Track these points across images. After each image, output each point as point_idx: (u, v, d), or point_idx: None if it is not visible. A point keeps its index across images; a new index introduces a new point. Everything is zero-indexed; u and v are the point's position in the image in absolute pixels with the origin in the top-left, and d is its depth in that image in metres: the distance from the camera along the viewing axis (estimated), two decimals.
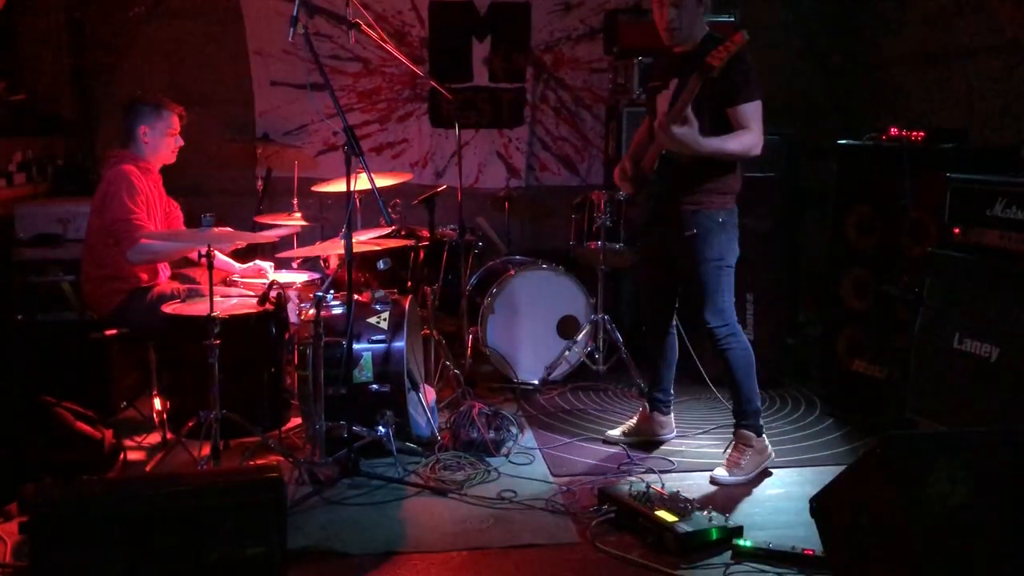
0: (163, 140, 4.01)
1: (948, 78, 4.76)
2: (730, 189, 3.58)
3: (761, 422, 3.69)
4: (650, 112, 3.75)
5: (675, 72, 3.53)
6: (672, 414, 4.05)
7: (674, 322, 3.95)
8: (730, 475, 3.55)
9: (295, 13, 3.43)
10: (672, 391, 4.03)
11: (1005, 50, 4.23)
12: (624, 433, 4.00)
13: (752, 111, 3.40)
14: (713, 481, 3.55)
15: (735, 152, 3.42)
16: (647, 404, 4.04)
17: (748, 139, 3.39)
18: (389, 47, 4.30)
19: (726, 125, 3.42)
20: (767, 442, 3.68)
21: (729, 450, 3.66)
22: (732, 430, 3.68)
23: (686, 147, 3.35)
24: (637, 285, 3.96)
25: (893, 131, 4.11)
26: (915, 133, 4.05)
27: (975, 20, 4.53)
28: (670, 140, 3.34)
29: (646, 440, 3.97)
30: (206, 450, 3.43)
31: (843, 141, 4.26)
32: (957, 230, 3.61)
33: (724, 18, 5.27)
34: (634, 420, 4.06)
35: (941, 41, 4.78)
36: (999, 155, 3.98)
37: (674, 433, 4.05)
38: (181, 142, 4.09)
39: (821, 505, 2.62)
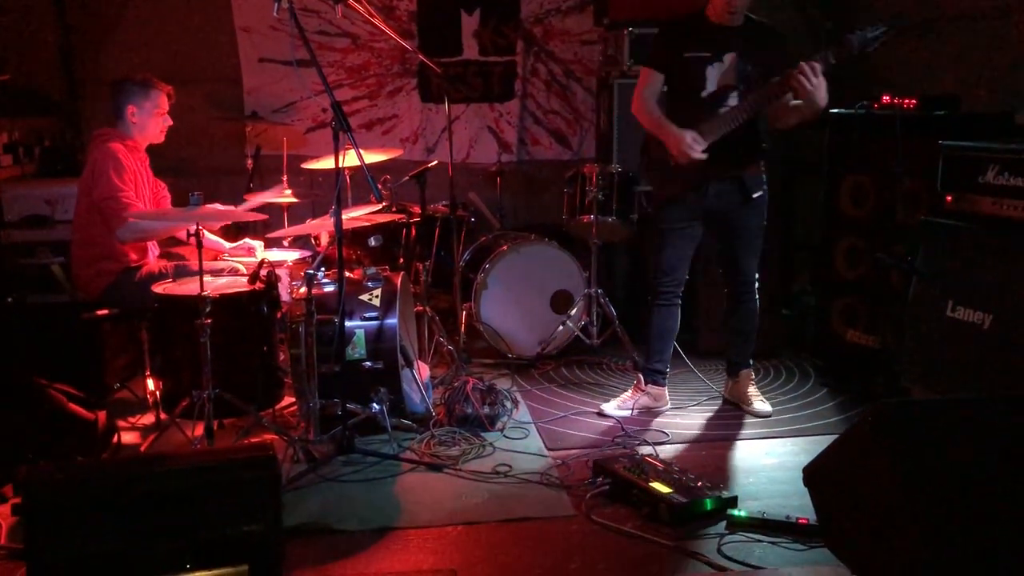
0: (151, 120, 3.98)
1: (941, 44, 4.73)
2: (764, 156, 3.84)
3: None
4: (685, 80, 3.70)
5: (728, 46, 3.62)
6: (667, 386, 4.09)
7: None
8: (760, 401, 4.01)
9: None
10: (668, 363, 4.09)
11: (996, 16, 4.20)
12: (619, 407, 4.01)
13: None
14: (758, 415, 3.94)
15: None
16: (645, 376, 4.06)
17: None
18: (376, 21, 4.25)
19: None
20: None
21: (734, 386, 4.09)
22: (731, 372, 4.10)
23: (823, 98, 3.47)
24: (658, 253, 3.89)
25: (885, 99, 4.09)
26: (907, 100, 4.02)
27: None
28: (819, 80, 3.43)
29: (644, 413, 4.00)
30: (200, 430, 3.43)
31: (835, 110, 4.23)
32: (949, 197, 3.60)
33: None
34: (629, 392, 4.07)
35: (934, 6, 4.74)
36: (991, 121, 3.96)
37: (668, 405, 4.07)
38: (170, 121, 4.06)
39: (814, 474, 2.63)
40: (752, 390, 4.08)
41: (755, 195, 3.76)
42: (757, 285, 3.93)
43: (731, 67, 3.63)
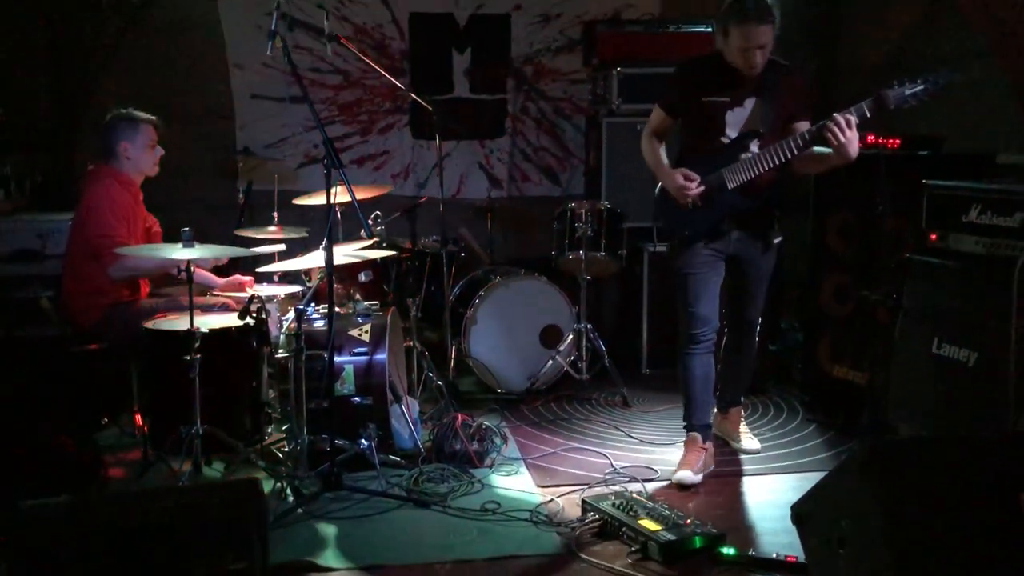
0: (144, 153, 4.00)
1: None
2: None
3: None
4: (702, 125, 3.60)
5: (748, 90, 3.51)
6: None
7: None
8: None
9: (273, 27, 3.44)
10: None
11: (976, 59, 4.27)
12: (694, 471, 3.64)
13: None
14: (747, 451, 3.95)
15: None
16: (698, 432, 3.74)
17: None
18: (368, 60, 4.31)
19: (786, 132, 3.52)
20: None
21: (722, 422, 4.06)
22: (721, 410, 4.04)
23: (854, 153, 3.38)
24: (690, 300, 3.69)
25: (870, 138, 4.15)
26: (891, 140, 4.08)
27: (949, 29, 4.58)
28: (855, 139, 3.36)
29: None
30: (187, 465, 3.41)
31: (820, 149, 4.28)
32: (934, 236, 3.64)
33: (702, 28, 5.32)
34: (691, 454, 3.71)
35: (917, 49, 4.83)
36: (974, 162, 4.02)
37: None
38: (161, 151, 4.08)
39: (802, 512, 2.64)
40: (742, 427, 4.07)
41: (776, 240, 3.75)
42: (758, 324, 3.92)
43: (752, 112, 3.52)
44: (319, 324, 3.81)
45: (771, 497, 3.51)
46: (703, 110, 3.56)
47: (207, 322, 3.59)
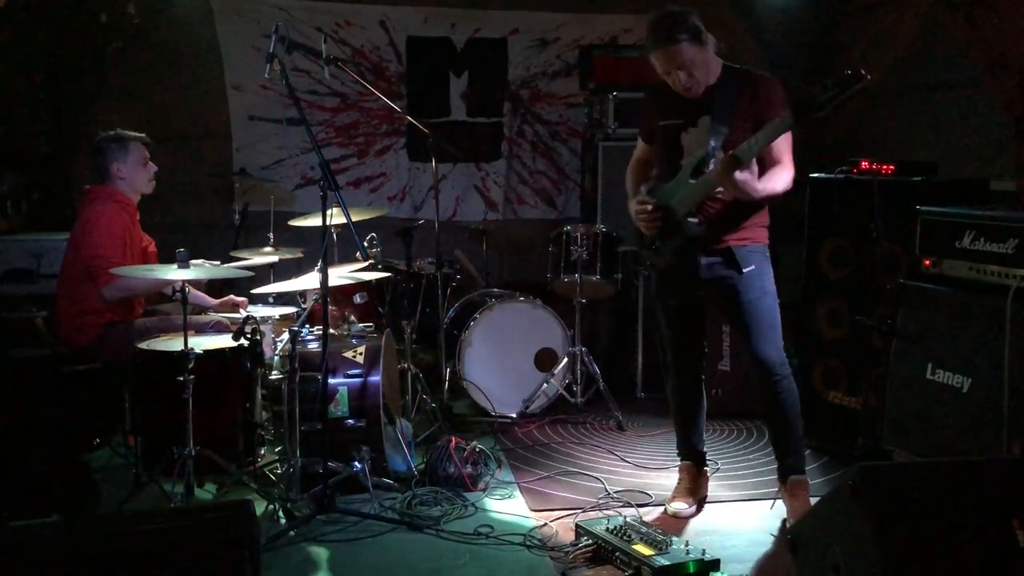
0: (137, 171, 4.00)
1: (918, 113, 4.85)
2: (766, 221, 3.50)
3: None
4: (664, 151, 3.48)
5: (701, 109, 3.32)
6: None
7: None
8: None
9: (271, 49, 3.46)
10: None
11: (968, 87, 4.32)
12: (688, 502, 3.61)
13: (785, 142, 3.28)
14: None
15: (781, 192, 3.27)
16: (691, 461, 3.71)
17: (787, 175, 3.28)
18: (365, 83, 4.33)
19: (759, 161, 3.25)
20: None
21: (788, 500, 3.46)
22: (779, 476, 3.52)
23: (743, 193, 3.16)
24: (662, 332, 3.62)
25: (864, 164, 4.17)
26: (885, 166, 4.11)
27: (943, 56, 4.63)
28: (733, 186, 3.14)
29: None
30: (180, 486, 3.39)
31: (815, 174, 4.31)
32: (928, 261, 3.66)
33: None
34: (685, 483, 3.68)
35: (909, 76, 4.87)
36: (967, 187, 4.04)
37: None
38: (154, 167, 4.07)
39: (797, 538, 2.63)
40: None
41: (745, 269, 3.37)
42: (782, 369, 3.45)
43: (705, 131, 3.32)
44: (313, 346, 3.81)
45: (766, 523, 3.50)
46: (662, 134, 3.48)
47: (201, 343, 3.59)
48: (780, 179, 3.26)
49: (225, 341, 3.64)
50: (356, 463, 3.59)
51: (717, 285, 3.44)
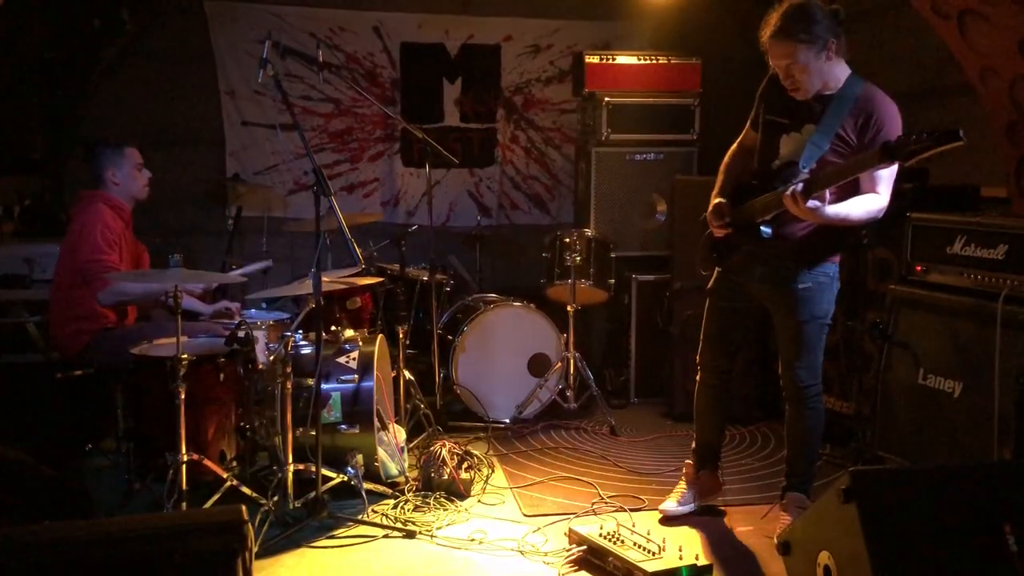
0: (132, 177, 4.02)
1: (911, 120, 4.87)
2: (844, 242, 3.33)
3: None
4: (762, 147, 3.33)
5: (811, 116, 3.16)
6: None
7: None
8: None
9: (264, 55, 3.46)
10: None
11: (962, 94, 4.34)
12: (680, 502, 3.59)
13: (888, 175, 3.06)
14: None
15: (859, 220, 3.08)
16: (692, 460, 3.66)
17: (875, 204, 3.05)
18: (359, 89, 4.34)
19: (853, 181, 3.05)
20: None
21: (780, 513, 3.40)
22: (782, 488, 3.46)
23: (811, 218, 3.03)
24: (701, 326, 3.55)
25: None
26: None
27: (933, 64, 4.65)
28: (800, 213, 2.98)
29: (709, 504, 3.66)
30: (172, 492, 3.38)
31: None
32: (919, 267, 3.68)
33: (691, 60, 5.39)
34: (681, 483, 3.66)
35: (900, 83, 4.88)
36: (959, 193, 4.06)
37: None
38: (149, 173, 4.08)
39: (789, 543, 2.64)
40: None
41: (800, 286, 3.23)
42: (807, 392, 3.34)
43: (805, 141, 3.14)
44: (306, 351, 3.80)
45: (758, 527, 3.50)
46: (765, 129, 3.32)
47: (194, 348, 3.58)
48: (863, 207, 3.04)
49: (218, 346, 3.64)
50: (349, 469, 3.59)
51: (768, 294, 3.36)
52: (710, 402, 3.60)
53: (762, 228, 3.22)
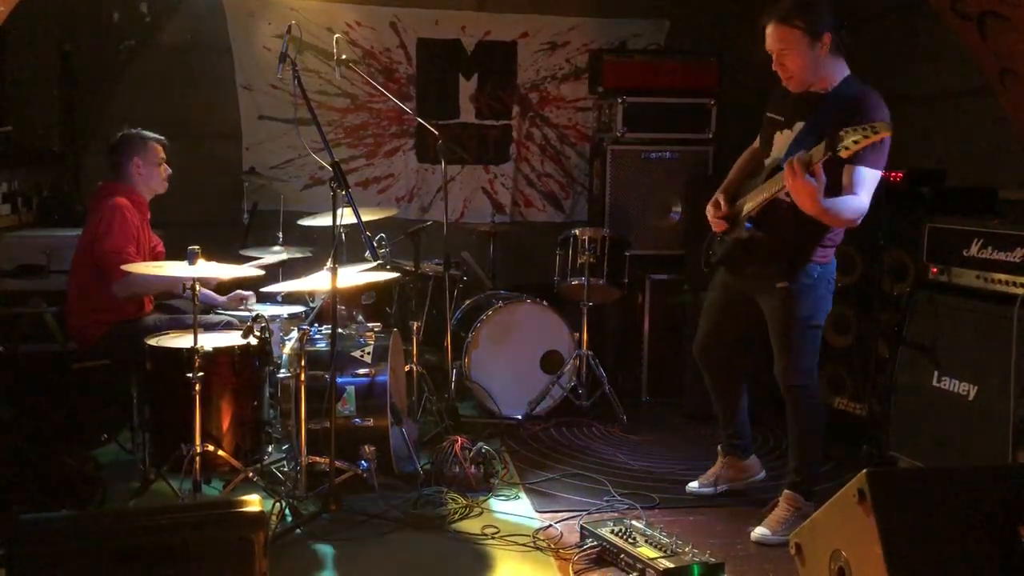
0: (154, 170, 4.07)
1: (928, 120, 4.85)
2: (832, 242, 3.29)
3: (815, 488, 3.42)
4: (762, 140, 3.41)
5: (802, 114, 3.19)
6: (753, 455, 3.85)
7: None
8: (773, 534, 3.32)
9: (284, 49, 3.48)
10: (749, 434, 3.83)
11: (980, 95, 4.32)
12: (701, 483, 3.80)
13: (870, 178, 3.06)
14: (758, 542, 3.34)
15: (844, 219, 3.07)
16: (720, 447, 3.82)
17: (857, 206, 3.04)
18: (375, 84, 4.35)
19: (836, 179, 3.05)
20: (812, 509, 3.07)
21: (774, 508, 3.44)
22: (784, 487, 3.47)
23: (805, 201, 2.98)
24: (701, 319, 3.69)
25: None
26: (894, 174, 4.11)
27: (952, 65, 4.63)
28: (800, 187, 2.93)
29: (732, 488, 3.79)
30: (187, 483, 3.40)
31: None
32: (935, 270, 3.67)
33: (708, 58, 5.38)
34: (714, 467, 3.83)
35: (918, 84, 4.87)
36: (976, 196, 4.05)
37: (762, 474, 3.85)
38: (168, 170, 4.13)
39: (801, 543, 2.63)
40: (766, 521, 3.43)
41: (779, 286, 3.25)
42: (798, 392, 3.34)
43: (794, 138, 3.17)
44: (322, 345, 3.82)
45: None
46: (764, 125, 3.37)
47: (210, 340, 3.60)
48: (847, 205, 3.03)
49: (234, 339, 3.66)
50: (363, 462, 3.61)
51: (755, 295, 3.41)
52: (712, 390, 3.73)
53: (745, 224, 3.30)
